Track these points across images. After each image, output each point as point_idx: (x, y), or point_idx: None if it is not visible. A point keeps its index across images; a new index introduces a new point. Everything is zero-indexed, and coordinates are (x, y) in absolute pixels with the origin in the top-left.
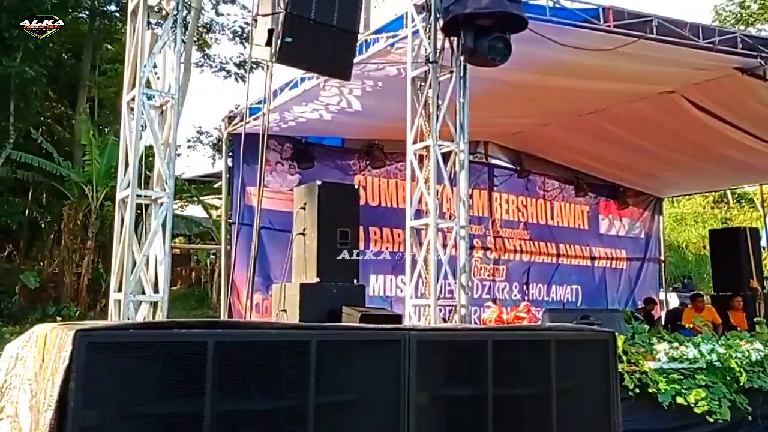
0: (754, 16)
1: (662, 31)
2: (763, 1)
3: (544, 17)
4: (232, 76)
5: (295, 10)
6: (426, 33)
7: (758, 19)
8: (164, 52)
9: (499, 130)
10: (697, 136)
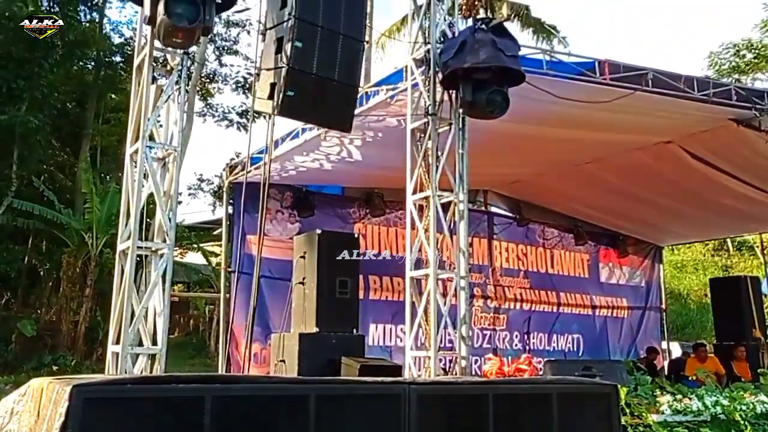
0: (750, 65)
1: (657, 83)
2: (758, 51)
3: (541, 71)
4: (234, 125)
5: (297, 64)
6: (425, 86)
7: (753, 69)
8: (168, 105)
9: (497, 178)
10: (696, 186)
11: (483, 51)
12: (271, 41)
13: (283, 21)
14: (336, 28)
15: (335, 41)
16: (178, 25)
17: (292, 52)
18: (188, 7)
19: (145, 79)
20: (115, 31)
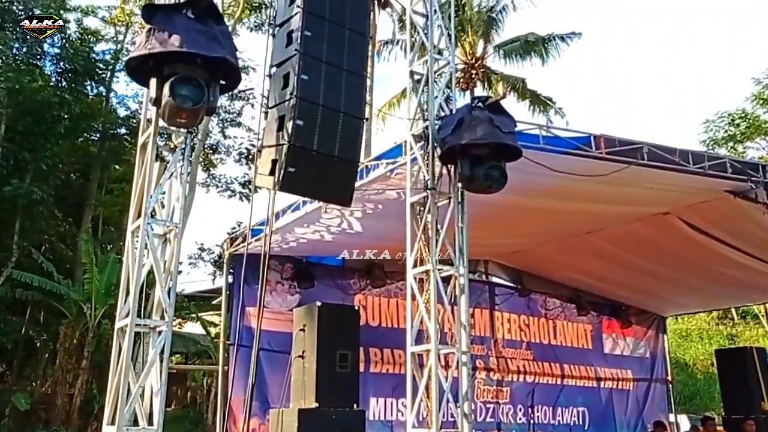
0: (744, 134)
1: (653, 157)
2: (751, 121)
3: (538, 145)
4: (236, 195)
5: (298, 142)
6: (424, 161)
7: (748, 138)
8: (171, 182)
9: (497, 249)
10: (695, 256)
11: (480, 128)
12: (273, 119)
13: (285, 100)
14: (336, 106)
15: (336, 119)
16: (182, 106)
17: (294, 130)
18: (193, 89)
19: (148, 158)
20: (121, 104)
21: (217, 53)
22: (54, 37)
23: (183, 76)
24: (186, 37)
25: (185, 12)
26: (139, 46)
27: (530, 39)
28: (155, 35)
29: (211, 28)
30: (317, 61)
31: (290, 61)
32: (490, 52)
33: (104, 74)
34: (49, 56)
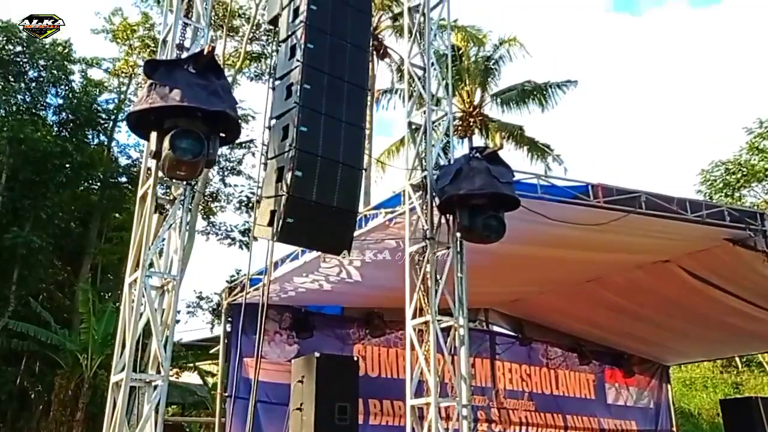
0: (740, 183)
1: (651, 205)
2: (747, 170)
3: (536, 194)
4: (236, 243)
5: (297, 192)
6: (423, 211)
7: (743, 185)
8: (169, 234)
9: (498, 297)
10: (696, 304)
11: (478, 178)
12: (272, 170)
13: (285, 151)
14: (335, 157)
15: (335, 169)
16: (182, 159)
17: (292, 181)
18: (192, 142)
19: (147, 209)
20: (122, 153)
21: (218, 107)
22: (58, 87)
23: (183, 129)
24: (187, 92)
25: (186, 67)
26: (140, 101)
27: (527, 87)
28: (156, 90)
29: (212, 82)
30: (316, 113)
31: (290, 113)
32: (487, 100)
33: (106, 124)
34: (53, 106)
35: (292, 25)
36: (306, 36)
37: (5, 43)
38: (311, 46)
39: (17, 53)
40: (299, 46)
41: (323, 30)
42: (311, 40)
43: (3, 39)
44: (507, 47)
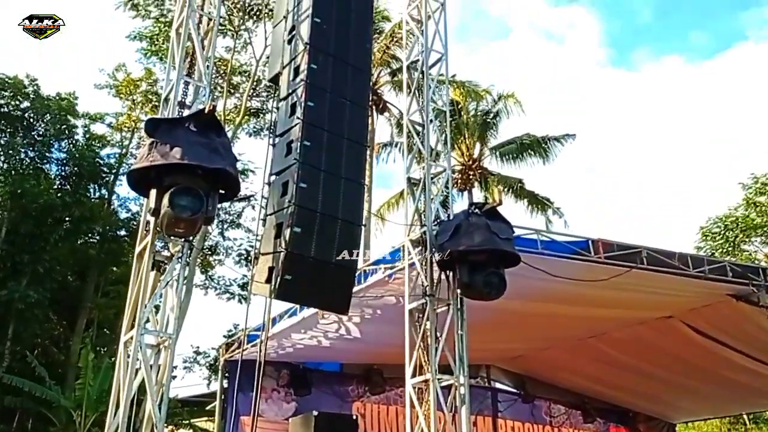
0: (739, 237)
1: (652, 261)
2: (745, 224)
3: (536, 250)
4: (235, 297)
5: (295, 249)
6: (422, 267)
7: (743, 240)
8: (166, 291)
9: (500, 354)
10: (700, 360)
11: (478, 234)
12: (271, 226)
13: (284, 207)
14: (334, 213)
15: (333, 225)
16: (180, 216)
17: (291, 237)
18: (192, 199)
19: (145, 267)
20: (122, 206)
21: (218, 164)
22: (61, 141)
23: (182, 187)
24: (187, 149)
25: (187, 125)
26: (141, 159)
27: (525, 141)
28: (157, 148)
29: (213, 140)
30: (316, 169)
31: (289, 169)
32: (486, 153)
33: (108, 177)
34: (55, 160)
35: (292, 84)
36: (306, 94)
37: (11, 99)
38: (311, 103)
39: (24, 108)
40: (299, 104)
41: (323, 88)
42: (311, 98)
43: (9, 94)
44: (506, 102)
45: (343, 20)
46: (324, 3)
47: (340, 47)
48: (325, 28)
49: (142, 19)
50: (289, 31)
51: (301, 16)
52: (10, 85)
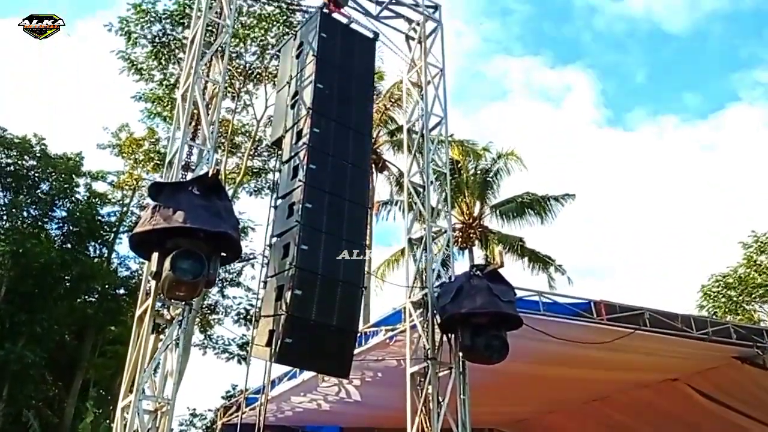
0: (741, 296)
1: (655, 323)
2: (746, 283)
3: (538, 312)
4: (234, 357)
5: (296, 312)
6: (424, 329)
7: (745, 300)
8: (165, 355)
9: (503, 417)
10: (707, 424)
11: (479, 297)
12: (272, 289)
13: (285, 270)
14: (335, 276)
15: (334, 288)
16: (182, 279)
17: (292, 300)
18: (193, 263)
19: (145, 331)
20: (122, 264)
21: (220, 228)
22: (63, 200)
23: (184, 250)
24: (190, 213)
25: (191, 188)
26: (144, 222)
27: (525, 200)
28: (160, 212)
29: (215, 203)
30: (317, 231)
31: (291, 231)
32: (486, 212)
33: (108, 236)
34: (56, 219)
35: (295, 147)
36: (308, 157)
37: (18, 158)
38: (313, 166)
39: (29, 167)
40: (302, 166)
41: (325, 152)
42: (313, 161)
43: (16, 154)
44: (505, 160)
45: (344, 86)
46: (327, 70)
47: (342, 112)
48: (327, 93)
49: (145, 82)
50: (292, 96)
51: (304, 81)
52: (17, 145)
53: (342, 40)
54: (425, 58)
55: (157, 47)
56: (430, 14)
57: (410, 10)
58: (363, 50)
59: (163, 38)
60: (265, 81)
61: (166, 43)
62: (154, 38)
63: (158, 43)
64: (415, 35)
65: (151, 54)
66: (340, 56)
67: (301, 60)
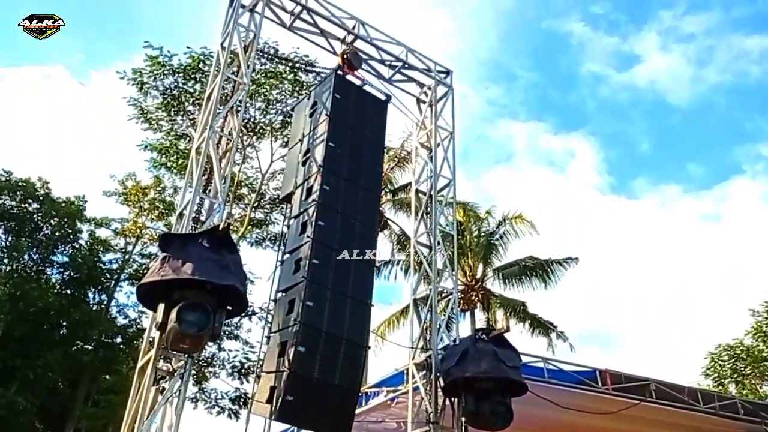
0: (748, 368)
1: (661, 394)
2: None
3: (543, 379)
4: (225, 412)
5: (299, 369)
6: (426, 392)
7: (753, 373)
8: (165, 408)
9: None
10: None
11: (485, 361)
12: (275, 344)
13: (289, 326)
14: (340, 333)
15: (338, 346)
16: (187, 332)
17: (295, 357)
18: (199, 316)
19: (146, 382)
20: (120, 313)
21: (228, 281)
22: (65, 245)
23: (191, 302)
24: (199, 265)
25: (200, 241)
26: (152, 273)
27: (529, 264)
28: (169, 263)
29: (224, 257)
30: (323, 288)
31: (297, 287)
32: (489, 274)
33: (108, 283)
34: (57, 264)
35: (304, 203)
36: (317, 214)
37: (22, 201)
38: (322, 223)
39: (32, 210)
40: (310, 222)
41: (334, 208)
42: (322, 217)
43: (20, 197)
44: (511, 223)
45: (356, 145)
46: (339, 129)
47: (352, 170)
48: (338, 152)
49: (153, 131)
50: (304, 153)
51: (316, 140)
52: (21, 188)
53: (355, 100)
54: (435, 121)
55: (168, 99)
56: (441, 79)
57: (422, 75)
58: (375, 111)
59: (174, 90)
60: (270, 135)
61: (176, 96)
62: (166, 90)
63: (169, 95)
64: (426, 99)
65: (161, 105)
66: (353, 116)
67: (314, 119)
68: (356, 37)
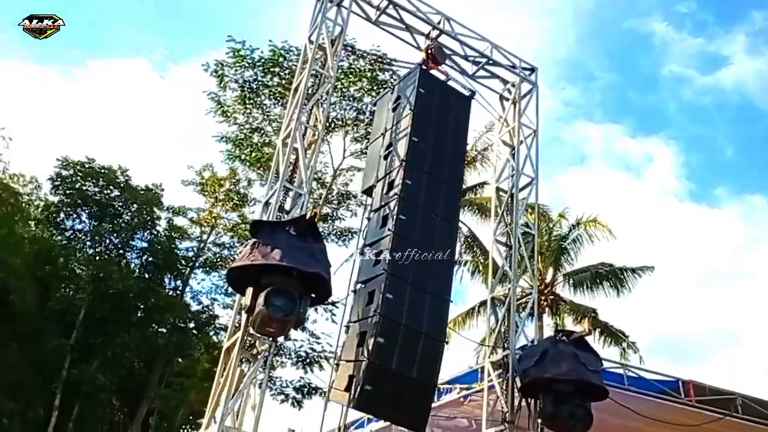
0: None
1: (747, 410)
2: None
3: (622, 386)
4: (289, 400)
5: (378, 360)
6: (503, 391)
7: None
8: (248, 389)
9: None
10: None
11: (565, 363)
12: (354, 334)
13: (369, 316)
14: (418, 327)
15: (416, 340)
16: (274, 316)
17: (374, 348)
18: (286, 301)
19: (232, 363)
20: (194, 299)
21: (314, 269)
22: (144, 231)
23: (279, 288)
24: (286, 252)
25: (288, 229)
26: (242, 257)
27: (601, 270)
28: (258, 248)
29: (311, 245)
30: (403, 282)
31: (377, 279)
32: (559, 279)
33: (184, 270)
34: (136, 249)
35: (386, 197)
36: (399, 208)
37: (104, 188)
38: (403, 217)
39: (113, 197)
40: (391, 216)
41: (416, 203)
42: (403, 212)
43: (102, 183)
44: (585, 227)
45: (439, 141)
46: (423, 124)
47: (435, 166)
48: (422, 147)
49: (228, 124)
50: (386, 147)
51: (399, 134)
52: (103, 175)
53: (439, 96)
54: (518, 119)
55: (246, 92)
56: (526, 76)
57: (506, 71)
58: (459, 107)
59: (253, 84)
60: (342, 130)
61: (254, 89)
62: (245, 83)
63: (247, 88)
64: (509, 96)
65: (239, 98)
66: (437, 112)
67: (397, 113)
68: (441, 32)
